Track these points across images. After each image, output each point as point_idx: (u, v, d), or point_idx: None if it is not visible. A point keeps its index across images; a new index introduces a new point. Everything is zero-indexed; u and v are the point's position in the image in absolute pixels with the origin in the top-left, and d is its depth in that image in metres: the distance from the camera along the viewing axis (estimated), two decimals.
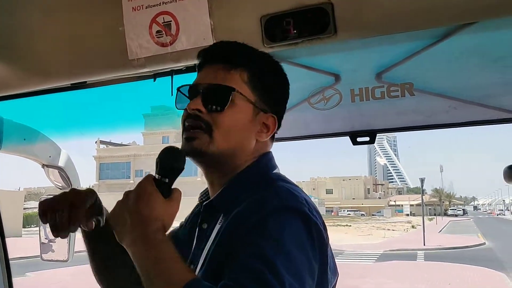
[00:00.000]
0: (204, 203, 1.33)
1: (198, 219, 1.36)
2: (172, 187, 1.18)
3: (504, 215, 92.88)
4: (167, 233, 1.15)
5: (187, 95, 1.31)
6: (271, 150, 1.37)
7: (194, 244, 1.33)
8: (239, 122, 1.26)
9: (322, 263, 1.15)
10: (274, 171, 1.33)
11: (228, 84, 1.25)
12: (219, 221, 1.25)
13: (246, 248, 1.06)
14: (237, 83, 1.26)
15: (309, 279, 1.09)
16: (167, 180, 1.15)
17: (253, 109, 1.28)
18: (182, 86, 1.33)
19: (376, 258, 24.95)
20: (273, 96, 1.33)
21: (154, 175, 1.16)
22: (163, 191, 1.13)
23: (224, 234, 1.18)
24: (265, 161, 1.33)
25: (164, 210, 1.12)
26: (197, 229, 1.34)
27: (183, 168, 1.19)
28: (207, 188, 1.39)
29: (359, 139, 1.87)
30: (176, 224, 1.36)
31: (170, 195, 1.15)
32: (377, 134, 1.89)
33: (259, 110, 1.29)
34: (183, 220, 1.49)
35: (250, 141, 1.29)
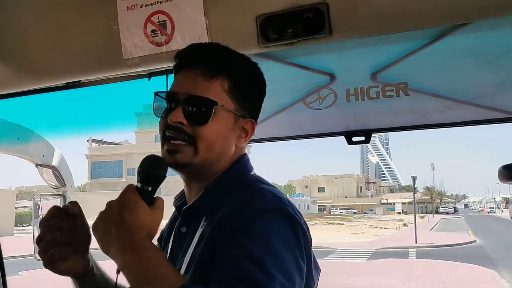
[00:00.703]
0: (184, 207, 1.32)
1: (174, 223, 1.36)
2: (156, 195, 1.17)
3: (494, 212, 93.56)
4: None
5: (165, 99, 1.29)
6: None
7: (169, 248, 1.33)
8: (221, 132, 1.26)
9: (308, 261, 1.17)
10: (251, 173, 1.34)
11: (209, 96, 1.23)
12: (201, 224, 1.24)
13: (234, 249, 1.07)
14: (218, 93, 1.24)
15: (298, 277, 1.10)
16: (150, 189, 1.15)
17: (233, 117, 1.28)
18: (161, 91, 1.30)
19: (368, 256, 25.04)
20: (252, 102, 1.33)
21: (136, 184, 1.15)
22: (146, 199, 1.13)
23: (209, 237, 1.18)
24: (243, 164, 1.34)
25: (149, 218, 1.11)
26: (173, 233, 1.34)
27: (165, 176, 1.18)
28: (181, 191, 1.40)
29: (354, 139, 1.88)
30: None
31: (154, 203, 1.14)
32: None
33: (239, 116, 1.29)
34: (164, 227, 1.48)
35: (231, 147, 1.30)
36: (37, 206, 2.88)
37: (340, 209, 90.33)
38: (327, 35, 1.60)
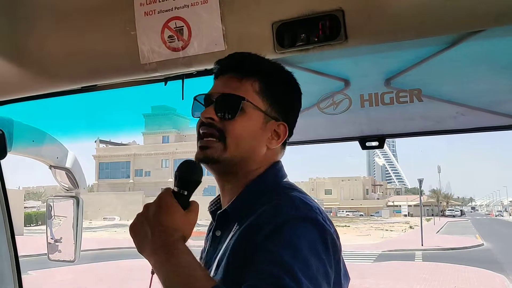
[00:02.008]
0: (218, 212, 1.35)
1: (211, 227, 1.39)
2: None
3: (502, 216, 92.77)
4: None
5: (203, 103, 1.36)
6: (280, 159, 1.40)
7: (206, 250, 1.36)
8: (250, 129, 1.30)
9: (336, 270, 1.19)
10: (284, 180, 1.36)
11: (239, 93, 1.30)
12: (233, 229, 1.27)
13: (263, 255, 1.09)
14: (248, 92, 1.31)
15: (325, 284, 1.11)
16: (185, 193, 1.19)
17: (263, 117, 1.32)
18: (199, 95, 1.38)
19: (374, 258, 24.99)
20: (284, 105, 1.37)
21: (173, 188, 1.19)
22: (182, 203, 1.17)
23: (238, 242, 1.20)
24: (276, 170, 1.36)
25: (184, 221, 1.15)
26: (210, 236, 1.37)
27: (200, 181, 1.22)
28: (217, 196, 1.43)
29: (368, 144, 1.89)
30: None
31: (189, 207, 1.18)
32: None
33: (270, 118, 1.33)
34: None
35: (261, 148, 1.33)
36: (50, 207, 2.91)
37: (346, 211, 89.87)
38: (343, 42, 1.61)
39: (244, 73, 1.33)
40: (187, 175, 1.21)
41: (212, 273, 1.24)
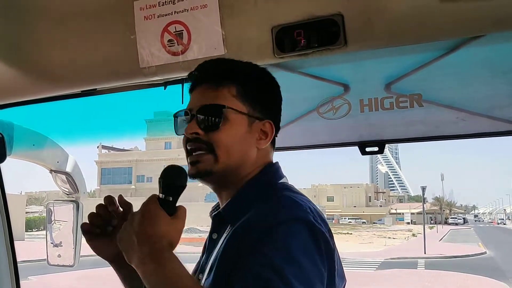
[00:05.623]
0: (213, 215, 1.35)
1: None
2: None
3: (505, 224, 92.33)
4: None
5: (184, 119, 1.35)
6: (275, 160, 1.40)
7: (204, 254, 1.36)
8: (237, 135, 1.30)
9: (330, 269, 1.18)
10: (280, 181, 1.35)
11: (218, 102, 1.29)
12: (227, 231, 1.27)
13: (254, 257, 1.08)
14: (226, 98, 1.30)
15: (319, 284, 1.11)
16: (171, 199, 1.17)
17: (247, 120, 1.31)
18: (178, 112, 1.37)
19: (377, 266, 24.90)
20: (265, 102, 1.36)
21: (158, 194, 1.18)
22: (167, 209, 1.15)
23: (229, 245, 1.20)
24: (271, 172, 1.36)
25: (170, 228, 1.14)
26: (207, 239, 1.37)
27: (185, 186, 1.21)
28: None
29: (367, 149, 1.89)
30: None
31: (175, 213, 1.17)
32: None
33: (254, 119, 1.32)
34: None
35: (251, 151, 1.33)
36: (50, 212, 2.90)
37: (348, 218, 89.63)
38: (342, 46, 1.61)
39: (218, 81, 1.32)
40: (172, 180, 1.19)
41: (205, 277, 1.24)
